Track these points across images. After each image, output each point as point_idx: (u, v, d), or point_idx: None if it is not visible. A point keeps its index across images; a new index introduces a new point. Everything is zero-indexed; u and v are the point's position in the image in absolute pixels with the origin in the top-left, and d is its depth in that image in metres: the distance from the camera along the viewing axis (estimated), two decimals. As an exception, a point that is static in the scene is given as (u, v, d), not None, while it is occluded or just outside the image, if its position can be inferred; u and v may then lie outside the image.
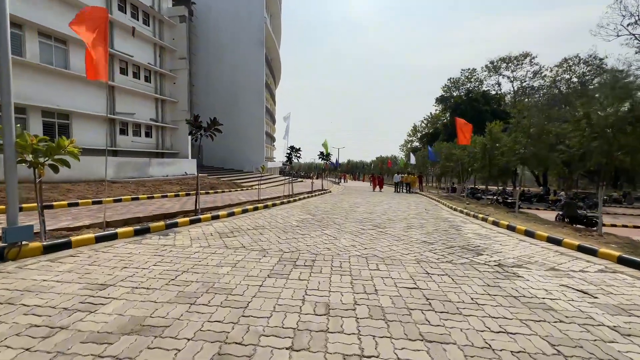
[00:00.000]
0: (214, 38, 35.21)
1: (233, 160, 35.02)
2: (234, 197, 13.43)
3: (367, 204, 12.74)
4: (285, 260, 4.31)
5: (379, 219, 8.56)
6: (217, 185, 17.86)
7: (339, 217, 8.64)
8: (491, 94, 36.65)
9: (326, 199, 15.01)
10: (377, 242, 5.72)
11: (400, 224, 7.81)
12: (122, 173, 16.18)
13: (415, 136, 60.72)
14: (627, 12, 21.54)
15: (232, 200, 12.03)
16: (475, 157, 13.82)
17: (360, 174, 63.89)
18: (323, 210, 10.29)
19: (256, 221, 7.56)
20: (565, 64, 45.09)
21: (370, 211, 10.37)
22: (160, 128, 21.44)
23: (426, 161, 26.98)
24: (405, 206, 12.48)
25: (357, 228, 7.06)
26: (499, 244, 5.92)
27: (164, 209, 8.94)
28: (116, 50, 17.54)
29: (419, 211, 10.91)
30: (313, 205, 11.80)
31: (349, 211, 10.16)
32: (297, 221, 7.74)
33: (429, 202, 14.83)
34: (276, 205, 11.18)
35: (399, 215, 9.49)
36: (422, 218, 9.13)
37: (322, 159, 20.07)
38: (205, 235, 5.78)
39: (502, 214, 10.30)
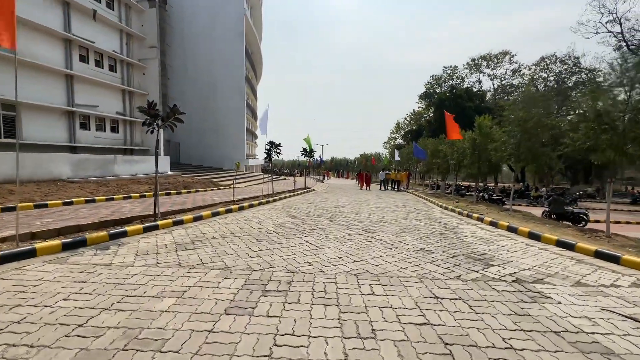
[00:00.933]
0: (190, 29, 33.31)
1: (212, 158, 33.39)
2: (207, 198, 12.21)
3: (353, 204, 11.88)
4: (253, 284, 3.32)
5: (367, 221, 7.69)
6: (191, 185, 16.50)
7: (323, 220, 7.70)
8: (474, 91, 36.78)
9: (309, 198, 14.04)
10: (367, 251, 4.81)
11: (391, 227, 6.96)
12: (81, 172, 14.54)
13: (399, 133, 60.77)
14: (606, 10, 21.77)
15: (205, 201, 10.84)
16: (464, 153, 13.24)
17: (344, 171, 63.32)
18: (305, 211, 9.32)
19: (226, 227, 6.48)
20: (542, 62, 46.20)
21: (356, 212, 9.49)
22: (129, 122, 19.70)
23: (411, 158, 26.54)
24: (393, 205, 11.71)
25: (343, 233, 6.13)
26: (505, 250, 5.17)
27: (120, 213, 7.68)
28: (75, 35, 15.73)
29: (408, 211, 10.15)
30: (294, 205, 10.80)
31: (334, 212, 9.24)
32: (274, 226, 6.72)
33: (416, 201, 14.18)
34: (253, 206, 10.10)
35: (388, 216, 8.66)
36: (414, 219, 8.34)
37: (305, 156, 19.06)
38: (157, 247, 4.68)
39: (496, 212, 9.71)
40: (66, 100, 15.77)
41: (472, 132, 12.96)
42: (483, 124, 12.13)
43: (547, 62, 45.77)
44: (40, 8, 14.30)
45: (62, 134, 15.67)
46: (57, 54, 15.23)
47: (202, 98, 32.57)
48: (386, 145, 64.94)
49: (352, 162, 68.04)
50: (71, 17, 15.74)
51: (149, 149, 20.73)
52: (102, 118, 17.96)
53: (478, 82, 49.65)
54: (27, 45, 13.88)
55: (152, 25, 20.19)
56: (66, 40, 15.57)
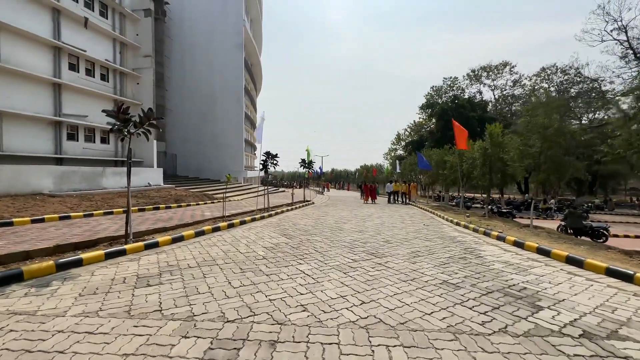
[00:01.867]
0: (189, 40, 33.11)
1: (210, 170, 32.61)
2: (197, 213, 11.26)
3: (355, 219, 10.91)
4: (221, 347, 2.34)
5: (372, 241, 6.70)
6: (183, 198, 15.56)
7: (322, 240, 6.72)
8: (476, 101, 36.27)
9: (308, 212, 13.07)
10: (377, 285, 3.83)
11: (401, 249, 5.97)
12: (65, 185, 13.63)
13: (399, 144, 60.23)
14: (611, 18, 21.34)
15: (193, 217, 9.88)
16: (474, 164, 12.35)
17: (344, 182, 62.43)
18: (302, 229, 8.34)
19: (209, 250, 5.51)
20: (543, 73, 45.99)
21: (360, 229, 8.51)
22: (120, 133, 18.91)
23: (414, 169, 25.67)
24: (399, 221, 10.73)
25: (346, 259, 5.15)
26: (547, 281, 4.18)
27: (91, 232, 6.73)
28: (64, 43, 15.14)
29: (417, 227, 9.16)
30: (291, 221, 9.83)
31: (335, 230, 8.26)
32: (265, 249, 5.74)
33: (423, 215, 13.19)
34: (245, 223, 9.12)
35: (396, 235, 7.68)
36: (426, 238, 7.36)
37: (304, 167, 18.20)
38: (112, 283, 3.70)
39: (516, 229, 8.72)
40: (53, 110, 15.03)
41: (482, 141, 12.10)
42: (494, 132, 11.28)
43: (547, 72, 45.62)
44: (27, 14, 13.74)
45: (47, 145, 14.86)
46: (44, 62, 14.59)
47: (201, 109, 32.06)
48: (387, 156, 64.28)
49: (352, 174, 67.20)
50: (61, 24, 15.18)
51: (142, 161, 19.90)
52: (91, 128, 17.20)
53: (479, 92, 49.39)
54: (12, 52, 13.24)
55: (147, 35, 19.72)
56: (55, 48, 14.96)
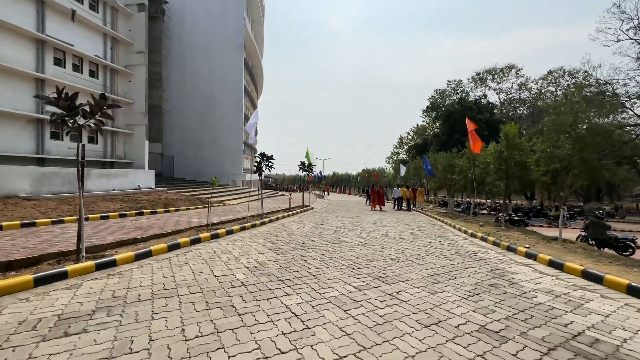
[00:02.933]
0: (189, 40, 32.36)
1: (208, 172, 31.63)
2: (183, 220, 10.20)
3: (358, 228, 9.80)
4: None
5: (379, 259, 5.60)
6: (173, 202, 14.52)
7: (318, 257, 5.63)
8: (483, 103, 35.20)
9: (305, 219, 11.98)
10: (390, 335, 2.73)
11: (415, 271, 4.87)
12: (45, 187, 12.62)
13: (402, 148, 59.18)
14: (627, 17, 20.28)
15: (177, 224, 8.82)
16: (487, 169, 11.26)
17: (345, 187, 61.30)
18: (297, 241, 7.24)
19: (176, 272, 4.43)
20: (550, 76, 44.95)
21: (363, 241, 7.41)
22: (110, 133, 17.95)
23: (419, 173, 24.56)
24: (406, 231, 9.61)
25: (346, 286, 4.05)
26: (620, 327, 3.07)
27: (48, 244, 5.70)
28: (49, 36, 14.22)
29: (428, 239, 8.05)
30: (285, 231, 8.73)
31: (334, 242, 7.16)
32: (247, 270, 4.65)
33: (431, 223, 12.07)
34: (233, 232, 8.03)
35: (405, 249, 6.57)
36: (441, 254, 6.24)
37: (304, 170, 17.13)
38: (14, 331, 2.63)
39: (543, 243, 7.58)
40: (35, 107, 14.07)
41: (496, 143, 11.01)
42: (510, 133, 10.19)
43: (554, 75, 44.60)
44: (7, 3, 12.82)
45: (28, 144, 13.87)
46: (26, 56, 13.64)
47: (200, 111, 31.21)
48: (389, 160, 63.16)
49: (354, 178, 66.08)
50: (46, 16, 14.27)
51: (133, 162, 18.92)
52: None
53: (484, 96, 48.36)
54: (-13, 44, 12.33)
55: (140, 30, 18.83)
56: (38, 41, 14.03)
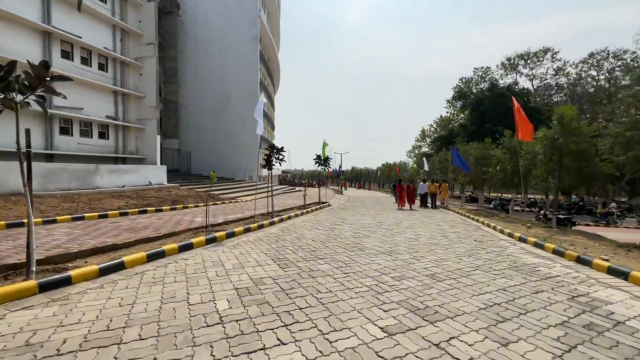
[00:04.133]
0: (204, 34, 31.82)
1: (224, 168, 31.19)
2: (187, 219, 9.29)
3: (380, 229, 8.47)
4: None
5: (411, 276, 4.29)
6: (182, 199, 13.76)
7: (332, 272, 4.39)
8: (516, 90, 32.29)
9: (321, 218, 10.77)
10: None
11: (464, 297, 3.52)
12: (52, 184, 12.17)
13: (424, 141, 56.52)
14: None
15: (177, 225, 7.88)
16: (533, 160, 9.52)
17: (364, 182, 59.55)
18: (308, 247, 6.03)
19: (143, 295, 3.35)
20: (592, 59, 40.80)
21: (388, 248, 6.08)
22: (121, 128, 17.51)
23: (444, 167, 22.65)
24: (438, 233, 8.17)
25: (370, 327, 2.78)
26: None
27: (13, 250, 4.83)
28: (55, 28, 13.75)
29: (468, 246, 6.60)
30: (296, 233, 7.55)
31: (352, 250, 5.89)
32: (235, 294, 3.49)
33: (464, 222, 10.50)
34: (234, 235, 6.94)
35: (443, 261, 5.20)
36: (492, 268, 4.82)
37: (319, 164, 15.88)
38: None
39: (623, 253, 5.92)
40: (42, 101, 13.70)
41: (548, 129, 9.23)
42: (567, 115, 8.42)
43: (597, 58, 40.43)
44: (10, -6, 12.38)
45: (36, 139, 13.51)
46: (32, 48, 13.20)
47: (215, 106, 30.70)
48: (410, 154, 60.58)
49: (374, 172, 64.10)
50: (51, 6, 13.77)
51: (145, 158, 18.44)
52: (88, 122, 15.81)
53: (514, 83, 44.83)
54: (-7, 35, 11.92)
55: (150, 21, 18.17)
56: (45, 33, 13.57)
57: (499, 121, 22.58)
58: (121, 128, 17.49)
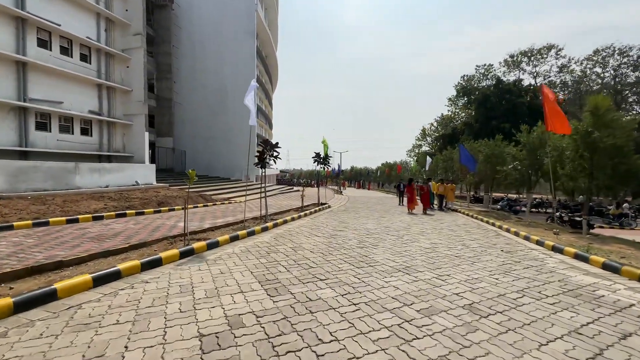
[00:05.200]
0: (200, 29, 30.61)
1: (220, 167, 30.09)
2: (169, 223, 8.18)
3: (388, 235, 7.38)
4: None
5: (441, 307, 3.20)
6: (170, 201, 12.63)
7: (337, 301, 3.30)
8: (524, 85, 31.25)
9: (320, 222, 9.67)
10: None
11: (531, 351, 2.45)
12: (24, 183, 11.03)
13: (425, 140, 55.51)
14: None
15: (155, 231, 6.77)
16: (560, 157, 8.45)
17: (364, 181, 58.51)
18: (305, 261, 4.94)
19: (54, 351, 2.26)
20: (597, 55, 39.86)
21: (403, 263, 5.00)
22: (106, 124, 16.34)
23: (448, 166, 21.59)
24: (455, 240, 7.09)
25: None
26: None
27: None
28: (30, 14, 12.58)
29: (498, 259, 5.52)
30: (291, 243, 6.45)
31: (360, 264, 4.80)
32: (195, 348, 2.41)
33: (479, 227, 9.44)
34: (217, 245, 5.84)
35: (476, 283, 4.12)
36: (543, 294, 3.74)
37: (319, 163, 14.77)
38: None
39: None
40: (16, 94, 12.50)
41: (578, 121, 8.17)
42: (601, 105, 7.36)
43: (602, 55, 39.49)
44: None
45: (9, 135, 12.35)
46: (2, 34, 12.03)
47: (211, 103, 29.53)
48: (410, 153, 59.49)
49: (373, 172, 63.06)
50: (26, -10, 12.63)
51: (132, 156, 17.27)
52: (68, 117, 14.63)
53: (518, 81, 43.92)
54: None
55: (137, 10, 16.98)
56: (18, 19, 12.40)
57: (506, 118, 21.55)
58: (106, 124, 16.32)
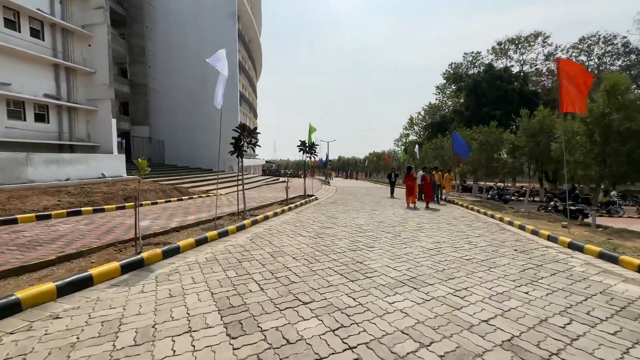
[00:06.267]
0: (176, 8, 28.34)
1: (201, 158, 28.42)
2: (128, 223, 6.96)
3: (383, 232, 6.46)
4: None
5: (481, 354, 2.28)
6: (140, 195, 11.25)
7: (326, 346, 2.32)
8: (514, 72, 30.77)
9: (306, 218, 8.66)
10: None
11: None
12: (-40, 178, 9.47)
13: (412, 129, 55.00)
14: None
15: (108, 233, 5.54)
16: (571, 143, 7.69)
17: (352, 171, 57.80)
18: (285, 276, 3.91)
19: None
20: (582, 43, 39.91)
21: (407, 271, 4.06)
22: (66, 109, 14.61)
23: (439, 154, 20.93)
24: (460, 237, 6.24)
25: None
26: None
27: None
28: (-38, -22, 10.70)
29: (516, 262, 4.68)
30: (271, 246, 5.42)
31: (354, 278, 3.83)
32: None
33: (477, 219, 8.68)
34: (177, 253, 4.73)
35: (502, 299, 3.22)
36: (593, 315, 2.88)
37: (304, 152, 13.64)
38: None
39: None
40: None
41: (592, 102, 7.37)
42: (620, 83, 6.58)
43: (587, 43, 39.55)
44: None
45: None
46: None
47: (190, 90, 27.58)
48: (397, 142, 58.84)
49: (361, 162, 62.34)
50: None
51: (99, 145, 15.63)
52: (19, 101, 12.86)
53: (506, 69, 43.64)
54: None
55: (98, -21, 15.06)
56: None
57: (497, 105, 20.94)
58: (66, 110, 14.59)
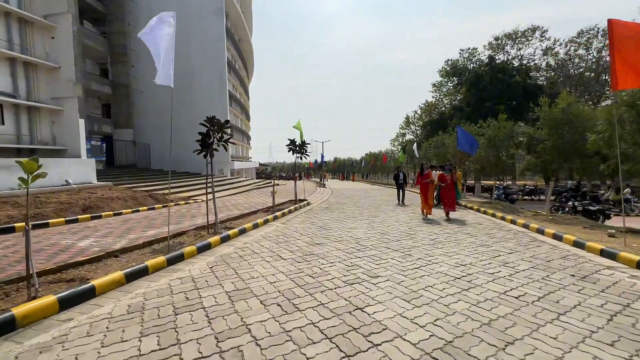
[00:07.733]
0: (159, 4, 26.61)
1: (189, 161, 26.51)
2: (64, 243, 5.41)
3: (388, 249, 5.00)
4: None
5: None
6: (104, 204, 9.76)
7: None
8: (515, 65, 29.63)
9: (292, 230, 7.17)
10: None
11: None
12: None
13: (409, 128, 53.76)
14: None
15: (16, 264, 4.00)
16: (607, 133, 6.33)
17: (348, 173, 56.41)
18: (241, 344, 2.44)
19: None
20: (580, 37, 39.00)
21: (435, 329, 2.62)
22: (26, 109, 12.99)
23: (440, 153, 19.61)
24: (491, 258, 4.82)
25: None
26: None
27: None
28: None
29: (596, 302, 3.23)
30: (236, 278, 3.92)
31: (348, 336, 2.36)
32: None
33: (499, 228, 7.28)
34: (93, 295, 3.23)
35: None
36: None
37: (294, 151, 12.15)
38: None
39: None
40: None
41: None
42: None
43: (586, 36, 38.65)
44: None
45: None
46: None
47: (176, 90, 25.82)
48: (394, 142, 57.54)
49: (358, 162, 61.00)
50: None
51: (66, 149, 14.00)
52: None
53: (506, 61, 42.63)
54: None
55: (61, -36, 13.49)
56: None
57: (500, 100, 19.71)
58: (26, 109, 12.96)
